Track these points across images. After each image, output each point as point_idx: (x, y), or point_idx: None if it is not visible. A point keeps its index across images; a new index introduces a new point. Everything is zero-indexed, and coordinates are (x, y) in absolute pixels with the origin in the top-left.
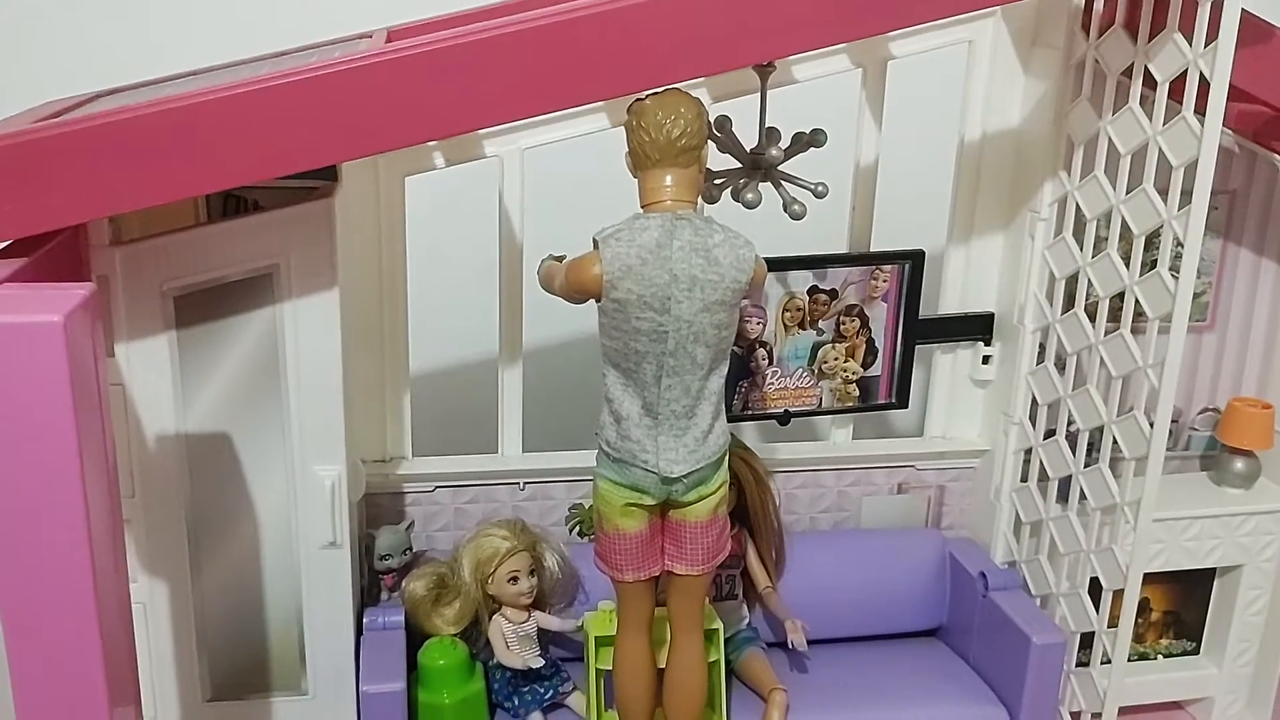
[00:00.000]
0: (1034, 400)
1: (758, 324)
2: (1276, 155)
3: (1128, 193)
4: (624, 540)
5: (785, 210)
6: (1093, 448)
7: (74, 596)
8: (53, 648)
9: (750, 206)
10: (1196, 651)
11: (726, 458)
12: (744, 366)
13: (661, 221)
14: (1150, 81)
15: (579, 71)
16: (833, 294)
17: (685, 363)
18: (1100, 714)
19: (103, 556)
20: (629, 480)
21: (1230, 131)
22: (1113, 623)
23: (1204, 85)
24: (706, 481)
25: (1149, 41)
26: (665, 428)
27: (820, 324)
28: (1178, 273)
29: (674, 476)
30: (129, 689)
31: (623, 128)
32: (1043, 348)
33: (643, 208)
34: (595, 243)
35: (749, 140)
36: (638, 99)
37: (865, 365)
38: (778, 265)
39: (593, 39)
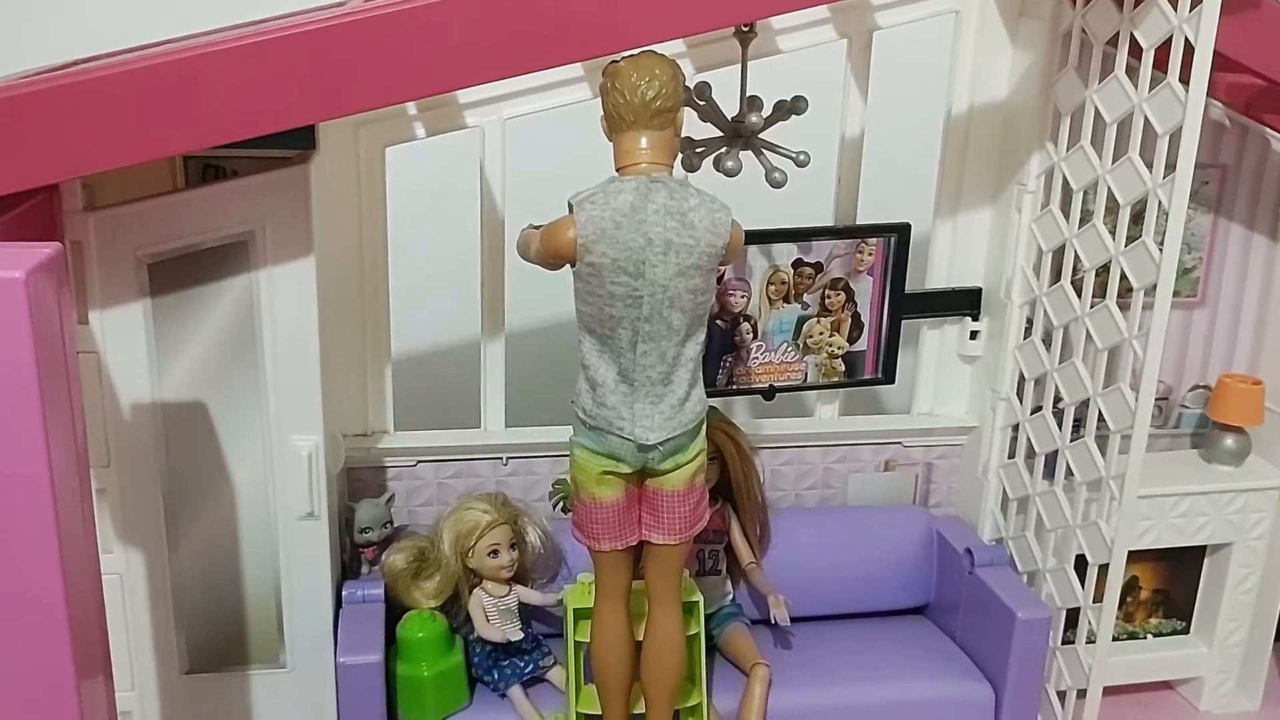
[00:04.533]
0: (1021, 375)
1: (742, 297)
2: (1267, 128)
3: (1113, 162)
4: (600, 509)
5: (766, 178)
6: (1079, 423)
7: (39, 565)
8: (17, 618)
9: (731, 174)
10: (1186, 631)
11: (704, 427)
12: (728, 340)
13: (636, 184)
14: (1136, 50)
15: (557, 32)
16: (818, 267)
17: (661, 328)
18: (1085, 691)
19: (69, 523)
20: (605, 448)
21: (1221, 104)
22: (1098, 599)
23: (1189, 52)
24: (683, 450)
25: (1134, 9)
26: (641, 394)
27: (805, 298)
28: (1163, 243)
29: (650, 444)
30: (98, 661)
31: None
32: (1030, 322)
33: (618, 171)
34: (570, 206)
35: (730, 108)
36: (613, 61)
37: (851, 340)
38: (762, 238)
39: None
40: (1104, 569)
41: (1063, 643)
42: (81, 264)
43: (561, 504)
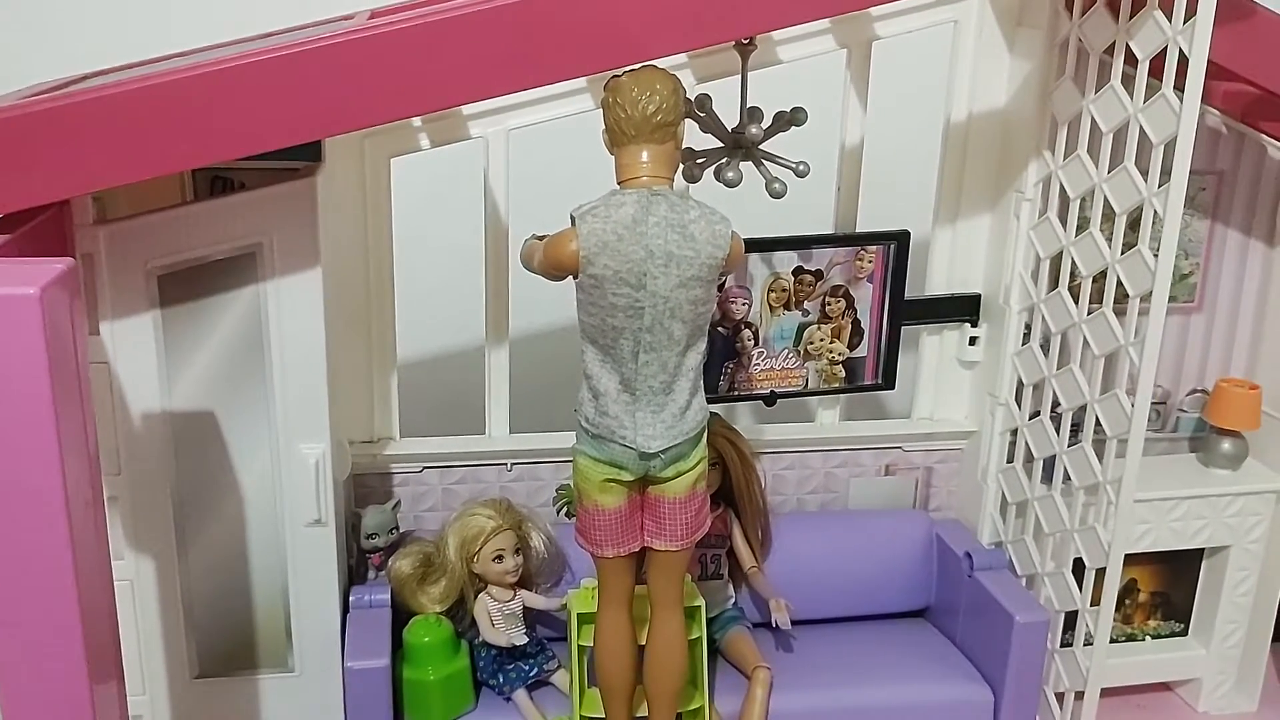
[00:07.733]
0: (1020, 381)
1: (743, 305)
2: (1263, 135)
3: (1109, 171)
4: (603, 516)
5: (766, 189)
6: (1077, 428)
7: (53, 572)
8: (32, 625)
9: (731, 185)
10: (1184, 633)
11: (705, 434)
12: (730, 347)
13: (638, 197)
14: (1132, 60)
15: (559, 47)
16: (818, 275)
17: (662, 339)
18: (1083, 694)
19: (82, 531)
20: (607, 456)
21: (1217, 112)
22: (1096, 602)
23: (1184, 62)
24: (685, 457)
25: (1130, 19)
26: (643, 403)
27: (806, 305)
28: (1159, 251)
29: (651, 452)
30: (111, 666)
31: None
32: (1029, 328)
33: (619, 184)
34: (572, 219)
35: (730, 119)
36: (614, 76)
37: (851, 346)
38: (763, 246)
39: (573, 14)
40: (1101, 572)
41: (1061, 645)
42: (92, 276)
43: (565, 509)
